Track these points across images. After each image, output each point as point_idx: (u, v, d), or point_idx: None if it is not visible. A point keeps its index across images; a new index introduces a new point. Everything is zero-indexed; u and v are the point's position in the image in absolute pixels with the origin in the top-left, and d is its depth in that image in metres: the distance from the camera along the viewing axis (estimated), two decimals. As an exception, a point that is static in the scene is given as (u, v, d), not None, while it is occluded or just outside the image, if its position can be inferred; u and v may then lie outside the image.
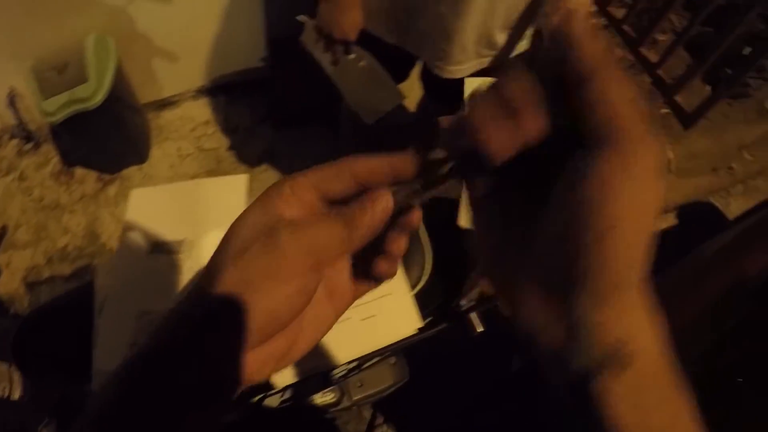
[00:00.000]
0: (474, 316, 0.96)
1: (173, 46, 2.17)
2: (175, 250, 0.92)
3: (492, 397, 1.61)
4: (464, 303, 1.05)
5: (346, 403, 1.20)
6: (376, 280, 0.39)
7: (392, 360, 1.23)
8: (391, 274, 0.38)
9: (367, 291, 0.40)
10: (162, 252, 0.93)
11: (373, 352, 0.87)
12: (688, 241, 0.97)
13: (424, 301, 0.89)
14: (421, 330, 0.88)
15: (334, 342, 0.82)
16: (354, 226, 0.33)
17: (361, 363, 0.98)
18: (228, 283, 0.31)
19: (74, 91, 1.80)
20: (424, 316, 0.91)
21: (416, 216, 0.37)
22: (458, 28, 1.21)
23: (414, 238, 0.92)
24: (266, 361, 0.34)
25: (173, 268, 0.91)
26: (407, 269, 0.89)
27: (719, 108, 2.54)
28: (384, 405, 1.71)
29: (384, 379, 1.21)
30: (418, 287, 0.93)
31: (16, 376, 1.43)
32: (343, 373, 0.99)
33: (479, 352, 1.54)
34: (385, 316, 0.83)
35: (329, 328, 0.39)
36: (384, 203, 0.33)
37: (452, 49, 1.27)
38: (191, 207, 0.96)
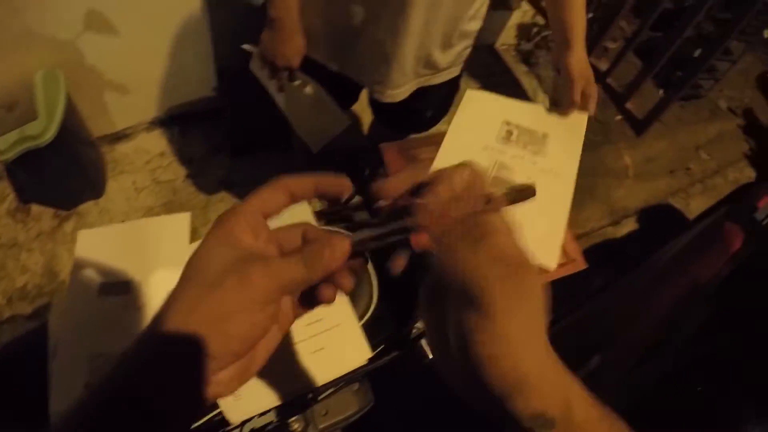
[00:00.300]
0: (424, 343, 0.97)
1: (124, 79, 2.18)
2: (124, 291, 0.93)
3: (455, 417, 1.62)
4: (414, 330, 1.07)
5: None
6: (317, 304, 0.44)
7: (355, 386, 1.15)
8: (332, 299, 0.43)
9: (306, 313, 0.45)
10: (111, 293, 0.93)
11: (325, 384, 0.89)
12: (651, 244, 0.99)
13: (373, 330, 0.90)
14: (372, 359, 0.90)
15: (288, 375, 0.83)
16: (314, 267, 0.39)
17: (315, 395, 0.98)
18: (206, 313, 0.35)
19: (24, 128, 1.79)
20: (374, 345, 0.92)
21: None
22: (396, 52, 1.23)
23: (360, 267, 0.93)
24: (233, 377, 0.39)
25: (123, 309, 0.91)
26: (354, 300, 0.90)
27: (672, 111, 2.62)
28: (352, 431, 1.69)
29: (349, 406, 1.14)
30: (366, 317, 0.94)
31: None
32: (303, 402, 0.99)
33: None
34: (334, 347, 0.84)
35: (277, 345, 0.44)
36: (342, 249, 0.40)
37: (391, 73, 1.29)
38: (137, 247, 0.97)
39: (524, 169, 1.02)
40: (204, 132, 2.40)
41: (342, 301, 0.86)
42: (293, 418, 0.97)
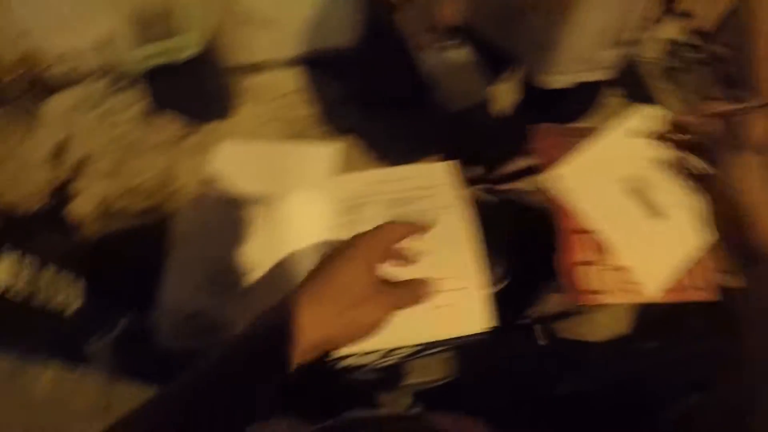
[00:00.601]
0: (539, 329, 0.98)
1: (272, 13, 2.22)
2: (254, 205, 0.94)
3: (527, 415, 1.57)
4: (533, 313, 1.06)
5: (391, 385, 1.21)
6: None
7: (445, 354, 1.20)
8: None
9: None
10: (243, 205, 0.95)
11: (435, 342, 0.86)
12: None
13: (497, 302, 0.85)
14: (486, 331, 0.86)
15: (402, 323, 0.77)
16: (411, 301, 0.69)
17: (422, 350, 0.95)
18: (336, 327, 0.58)
19: (168, 42, 1.87)
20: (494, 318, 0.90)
21: None
22: (564, 40, 1.20)
23: (499, 238, 0.90)
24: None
25: (249, 221, 0.93)
26: (490, 267, 0.85)
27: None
28: (424, 395, 1.66)
29: (432, 372, 1.21)
30: (496, 287, 0.91)
31: (76, 291, 1.47)
32: (401, 355, 0.98)
33: (530, 366, 1.53)
34: (455, 309, 0.81)
35: None
36: (426, 289, 0.71)
37: (553, 59, 1.26)
38: (280, 166, 0.97)
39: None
40: (340, 78, 2.39)
41: (478, 266, 0.82)
42: (380, 366, 0.97)
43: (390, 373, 1.16)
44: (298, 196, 0.93)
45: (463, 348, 1.07)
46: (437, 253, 0.82)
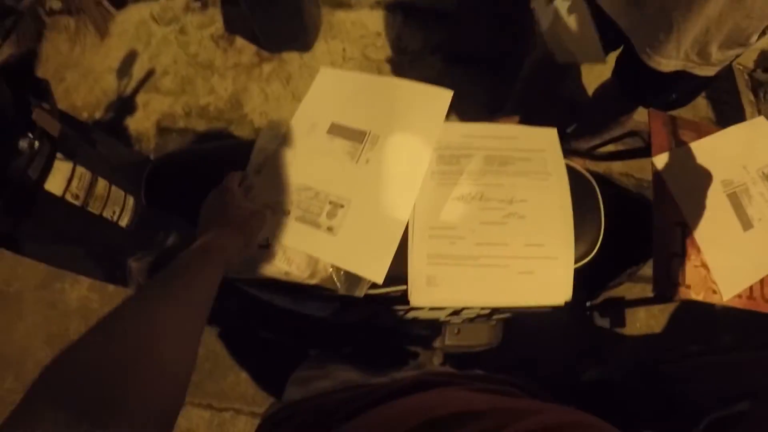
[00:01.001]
0: (597, 317, 1.03)
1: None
2: (355, 139, 0.87)
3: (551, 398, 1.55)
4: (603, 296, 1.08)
5: (438, 344, 1.22)
6: None
7: (493, 322, 1.21)
8: None
9: None
10: (340, 135, 0.88)
11: (507, 308, 0.89)
12: None
13: (578, 277, 0.83)
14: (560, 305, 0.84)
15: (483, 283, 0.79)
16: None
17: (489, 313, 0.97)
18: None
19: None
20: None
21: None
22: (683, 26, 1.15)
23: (593, 213, 0.87)
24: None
25: (345, 154, 0.86)
26: (578, 240, 0.82)
27: None
28: (455, 357, 1.66)
29: (479, 337, 1.22)
30: (582, 262, 0.85)
31: (130, 204, 1.43)
32: (468, 316, 0.99)
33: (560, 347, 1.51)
34: (541, 277, 0.80)
35: None
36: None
37: (668, 43, 1.20)
38: (385, 103, 0.91)
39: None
40: (427, 28, 2.26)
41: (568, 238, 0.81)
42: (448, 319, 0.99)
43: (437, 331, 1.17)
44: (402, 139, 0.87)
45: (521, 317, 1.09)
46: (530, 219, 0.81)
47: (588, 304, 1.20)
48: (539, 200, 0.82)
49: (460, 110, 2.00)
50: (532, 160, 0.86)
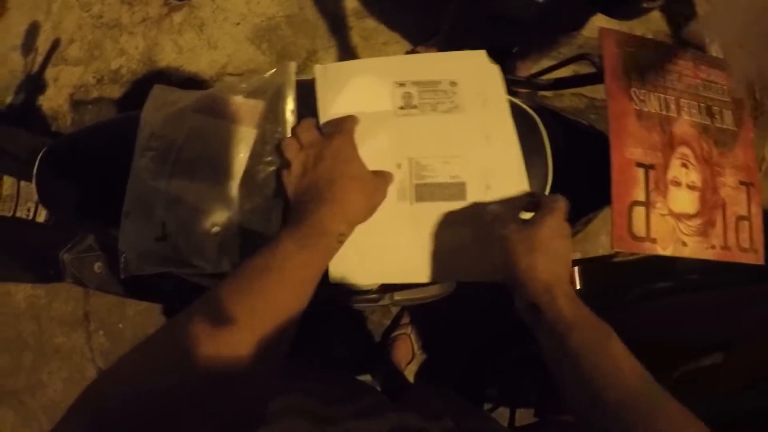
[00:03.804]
0: (577, 270, 0.86)
1: None
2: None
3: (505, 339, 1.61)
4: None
5: (386, 301, 1.15)
6: None
7: None
8: None
9: None
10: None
11: None
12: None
13: None
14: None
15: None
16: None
17: None
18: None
19: None
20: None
21: None
22: None
23: (538, 154, 0.75)
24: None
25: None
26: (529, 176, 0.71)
27: None
28: (412, 308, 1.67)
29: (430, 289, 1.15)
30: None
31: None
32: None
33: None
34: None
35: None
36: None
37: None
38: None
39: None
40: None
41: (521, 178, 0.70)
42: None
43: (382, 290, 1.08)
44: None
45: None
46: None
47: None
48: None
49: (386, 40, 1.87)
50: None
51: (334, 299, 1.04)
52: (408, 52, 1.79)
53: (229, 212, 0.68)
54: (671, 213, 0.76)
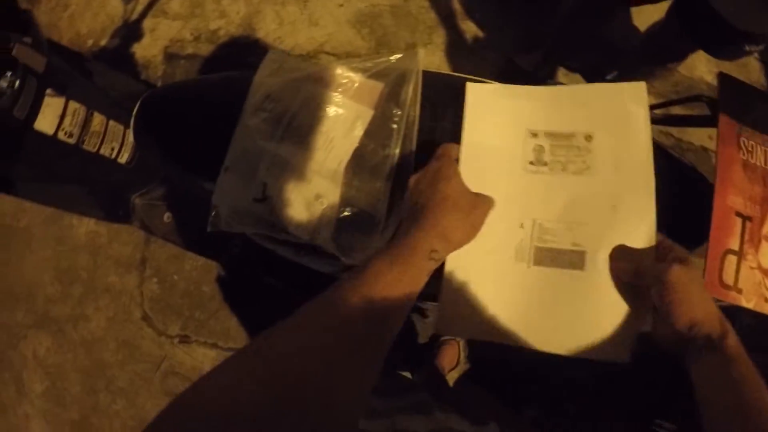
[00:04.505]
0: None
1: None
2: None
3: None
4: None
5: None
6: None
7: None
8: None
9: None
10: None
11: None
12: None
13: None
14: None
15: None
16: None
17: None
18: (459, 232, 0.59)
19: None
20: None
21: None
22: None
23: None
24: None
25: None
26: None
27: None
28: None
29: None
30: None
31: (130, 139, 1.35)
32: None
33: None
34: None
35: None
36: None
37: None
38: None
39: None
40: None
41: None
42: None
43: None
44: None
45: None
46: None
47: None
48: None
49: (484, 45, 1.85)
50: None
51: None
52: (506, 62, 1.76)
53: (336, 186, 0.68)
54: (760, 267, 0.75)
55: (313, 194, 0.69)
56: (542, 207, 0.65)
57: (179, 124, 0.85)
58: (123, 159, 1.39)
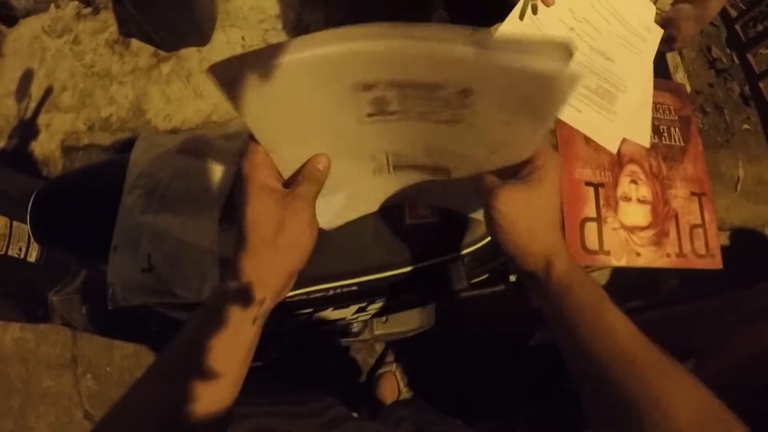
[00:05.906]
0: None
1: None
2: None
3: (503, 365, 1.62)
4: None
5: (366, 335, 1.22)
6: None
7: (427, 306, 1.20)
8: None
9: None
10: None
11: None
12: (731, 268, 0.88)
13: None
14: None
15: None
16: (316, 180, 0.54)
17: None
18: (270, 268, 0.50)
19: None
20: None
21: None
22: None
23: None
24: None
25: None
26: None
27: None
28: (397, 344, 1.69)
29: (410, 322, 1.22)
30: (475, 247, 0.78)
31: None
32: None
33: (506, 318, 1.52)
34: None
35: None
36: (324, 161, 0.55)
37: None
38: None
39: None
40: (326, 6, 2.15)
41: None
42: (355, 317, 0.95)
43: (363, 326, 1.16)
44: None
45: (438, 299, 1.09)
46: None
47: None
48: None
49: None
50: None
51: (313, 333, 1.08)
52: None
53: (209, 243, 0.74)
54: (623, 226, 0.81)
55: (191, 255, 0.74)
56: (393, 148, 0.58)
57: (72, 213, 0.88)
58: (32, 258, 1.40)
